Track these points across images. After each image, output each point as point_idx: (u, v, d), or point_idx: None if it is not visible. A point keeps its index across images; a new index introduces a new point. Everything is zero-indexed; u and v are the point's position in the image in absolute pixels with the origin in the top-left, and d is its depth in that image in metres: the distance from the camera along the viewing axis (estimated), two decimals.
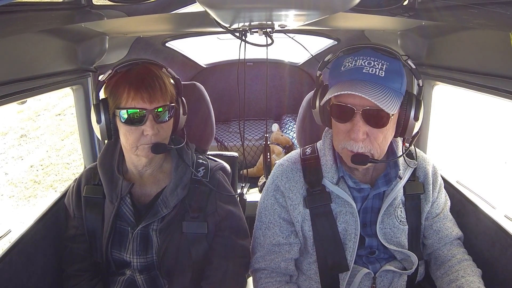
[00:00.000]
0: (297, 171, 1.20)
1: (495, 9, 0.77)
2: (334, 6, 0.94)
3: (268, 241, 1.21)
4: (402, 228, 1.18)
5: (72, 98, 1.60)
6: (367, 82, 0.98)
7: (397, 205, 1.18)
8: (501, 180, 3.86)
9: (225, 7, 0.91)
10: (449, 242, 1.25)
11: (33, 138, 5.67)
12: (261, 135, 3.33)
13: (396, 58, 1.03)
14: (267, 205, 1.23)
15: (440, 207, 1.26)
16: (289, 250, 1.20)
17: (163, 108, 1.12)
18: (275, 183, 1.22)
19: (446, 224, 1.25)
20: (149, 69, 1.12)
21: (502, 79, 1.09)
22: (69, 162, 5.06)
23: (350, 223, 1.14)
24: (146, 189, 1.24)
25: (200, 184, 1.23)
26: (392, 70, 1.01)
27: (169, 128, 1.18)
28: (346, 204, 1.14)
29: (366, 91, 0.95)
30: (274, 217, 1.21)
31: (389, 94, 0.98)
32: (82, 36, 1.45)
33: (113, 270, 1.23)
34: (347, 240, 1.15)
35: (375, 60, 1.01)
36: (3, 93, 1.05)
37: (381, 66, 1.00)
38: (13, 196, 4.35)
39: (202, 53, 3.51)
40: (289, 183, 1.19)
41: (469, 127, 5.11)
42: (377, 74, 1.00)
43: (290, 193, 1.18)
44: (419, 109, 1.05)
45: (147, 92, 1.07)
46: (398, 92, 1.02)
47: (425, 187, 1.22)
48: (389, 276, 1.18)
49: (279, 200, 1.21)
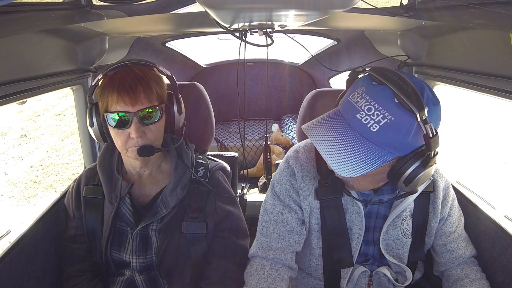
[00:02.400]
0: (311, 161, 1.16)
1: (495, 9, 0.77)
2: (334, 6, 0.94)
3: (281, 226, 1.15)
4: (405, 241, 1.16)
5: (72, 98, 1.60)
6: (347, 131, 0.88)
7: (405, 218, 1.15)
8: (501, 181, 3.86)
9: (225, 7, 0.91)
10: (463, 261, 1.21)
11: (33, 138, 5.66)
12: (261, 135, 3.33)
13: (413, 115, 0.83)
14: (281, 189, 1.17)
15: (454, 224, 1.20)
16: (297, 241, 1.16)
17: (148, 110, 1.10)
18: (291, 169, 1.16)
19: (460, 244, 1.21)
20: (133, 72, 1.09)
21: (502, 79, 1.09)
22: (69, 162, 5.06)
23: (356, 222, 1.13)
24: (145, 190, 1.24)
25: (199, 184, 1.23)
26: (392, 127, 0.85)
27: (158, 130, 1.15)
28: (354, 203, 1.13)
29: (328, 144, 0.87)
30: (290, 202, 1.16)
31: (361, 155, 0.86)
32: (82, 36, 1.45)
33: (113, 270, 1.23)
34: (351, 239, 1.14)
35: (378, 109, 0.85)
36: (3, 93, 1.05)
37: (380, 119, 0.85)
38: (13, 196, 4.35)
39: (202, 53, 3.51)
40: (302, 172, 1.15)
41: (469, 128, 5.11)
42: (367, 126, 0.86)
43: (302, 183, 1.14)
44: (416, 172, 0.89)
45: (128, 96, 1.06)
46: (385, 151, 0.87)
47: (433, 200, 1.17)
48: (386, 279, 1.18)
49: (294, 185, 1.16)
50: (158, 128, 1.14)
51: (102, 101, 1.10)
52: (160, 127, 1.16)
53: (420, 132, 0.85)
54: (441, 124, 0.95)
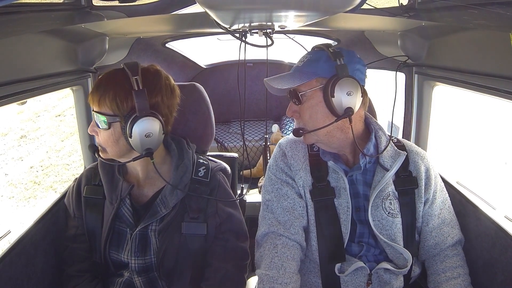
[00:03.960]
0: (300, 142, 1.28)
1: (495, 10, 0.77)
2: (334, 7, 0.94)
3: (283, 200, 1.21)
4: (392, 220, 1.17)
5: (72, 99, 1.60)
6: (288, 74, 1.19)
7: (385, 197, 1.18)
8: (501, 181, 3.87)
9: (225, 8, 0.91)
10: (445, 249, 1.24)
11: (33, 139, 5.67)
12: (261, 136, 3.33)
13: (322, 48, 1.17)
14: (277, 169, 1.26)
15: (437, 208, 1.24)
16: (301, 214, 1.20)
17: (98, 114, 1.10)
18: (282, 150, 1.28)
19: (443, 229, 1.23)
20: (108, 76, 1.13)
21: (502, 79, 1.09)
22: (69, 163, 5.06)
23: (343, 197, 1.18)
24: (144, 190, 1.24)
25: (200, 184, 1.23)
26: (311, 60, 1.17)
27: (106, 137, 1.12)
28: (340, 179, 1.19)
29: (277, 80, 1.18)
30: (287, 178, 1.24)
31: (295, 77, 1.16)
32: (82, 36, 1.45)
33: (112, 271, 1.23)
34: (341, 214, 1.17)
35: (306, 55, 1.20)
36: (3, 93, 1.05)
37: (304, 58, 1.19)
38: (13, 197, 4.35)
39: (202, 53, 3.51)
40: (292, 151, 1.26)
41: (469, 128, 5.11)
42: (297, 65, 1.20)
43: (292, 160, 1.24)
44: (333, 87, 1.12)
45: (92, 94, 1.12)
46: (307, 73, 1.15)
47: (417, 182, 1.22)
48: (386, 276, 1.18)
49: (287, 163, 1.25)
50: (105, 135, 1.12)
51: None
52: (108, 137, 1.12)
53: (331, 62, 1.11)
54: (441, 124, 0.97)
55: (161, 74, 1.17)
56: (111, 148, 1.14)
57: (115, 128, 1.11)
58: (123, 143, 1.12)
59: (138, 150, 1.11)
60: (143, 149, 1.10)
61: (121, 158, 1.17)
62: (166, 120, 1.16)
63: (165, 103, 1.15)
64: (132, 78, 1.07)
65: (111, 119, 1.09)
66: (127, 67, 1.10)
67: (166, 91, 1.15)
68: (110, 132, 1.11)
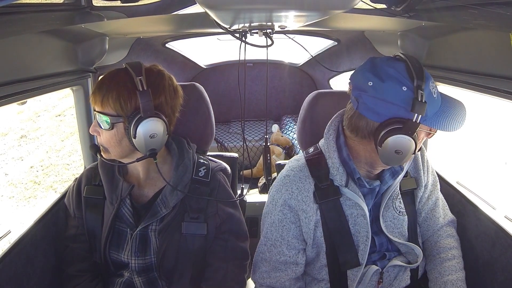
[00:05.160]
0: (306, 178, 1.15)
1: (495, 10, 0.77)
2: (334, 7, 0.94)
3: (274, 258, 1.16)
4: (402, 219, 1.19)
5: (72, 99, 1.60)
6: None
7: (395, 198, 1.19)
8: (501, 181, 3.86)
9: (225, 8, 0.91)
10: (437, 229, 1.27)
11: (33, 139, 5.66)
12: (261, 136, 3.33)
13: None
14: (273, 221, 1.16)
15: (428, 190, 1.27)
16: (295, 270, 1.16)
17: (101, 114, 1.09)
18: (283, 198, 1.14)
19: (435, 211, 1.27)
20: (110, 76, 1.11)
21: (502, 79, 1.09)
22: (69, 163, 5.06)
23: (362, 225, 1.13)
24: (144, 190, 1.24)
25: (200, 184, 1.23)
26: None
27: (108, 138, 1.11)
28: (357, 206, 1.13)
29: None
30: (282, 234, 1.14)
31: None
32: (82, 37, 1.45)
33: (112, 271, 1.23)
34: (359, 242, 1.13)
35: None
36: (3, 93, 1.05)
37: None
38: (13, 196, 4.35)
39: (202, 54, 3.51)
40: (301, 194, 1.13)
41: (469, 128, 5.10)
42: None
43: (304, 205, 1.13)
44: None
45: (94, 94, 1.10)
46: None
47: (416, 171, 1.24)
48: (395, 271, 1.19)
49: (287, 215, 1.14)
50: (108, 136, 1.11)
51: None
52: (111, 137, 1.10)
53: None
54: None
55: (164, 74, 1.16)
56: (114, 148, 1.13)
57: (118, 129, 1.10)
58: (126, 144, 1.12)
59: (142, 151, 1.10)
60: (147, 149, 1.09)
61: (124, 158, 1.16)
62: (169, 121, 1.15)
63: (168, 104, 1.14)
64: (136, 78, 1.06)
65: (114, 119, 1.08)
66: (130, 67, 1.09)
67: (170, 91, 1.15)
68: (113, 133, 1.10)
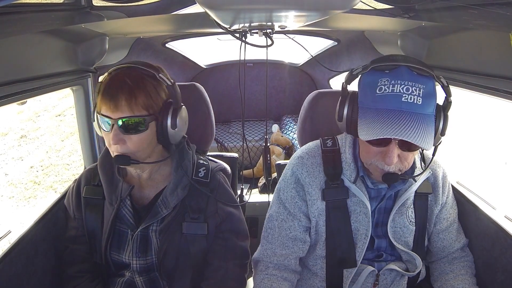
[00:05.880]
0: (317, 166, 1.18)
1: (495, 10, 0.77)
2: (334, 7, 0.94)
3: (284, 234, 1.19)
4: (411, 229, 1.19)
5: (72, 99, 1.60)
6: (406, 115, 0.94)
7: (409, 206, 1.19)
8: (501, 181, 3.86)
9: (225, 8, 0.91)
10: (452, 252, 1.26)
11: (33, 139, 5.66)
12: (261, 136, 3.33)
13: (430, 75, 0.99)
14: (287, 197, 1.19)
15: (448, 212, 1.25)
16: (301, 248, 1.19)
17: (128, 119, 1.04)
18: (295, 176, 1.18)
19: (451, 233, 1.26)
20: (127, 76, 1.06)
21: (502, 79, 1.09)
22: (69, 163, 5.06)
23: (362, 223, 1.14)
24: (145, 192, 1.23)
25: (200, 185, 1.23)
26: (427, 94, 0.97)
27: (140, 141, 1.08)
28: (361, 204, 1.14)
29: (407, 131, 0.92)
30: (295, 210, 1.18)
31: (427, 127, 0.95)
32: (82, 36, 1.45)
33: (113, 271, 1.23)
34: (357, 240, 1.15)
35: (413, 86, 0.96)
36: (3, 93, 1.05)
37: (419, 91, 0.95)
38: (13, 197, 4.35)
39: (202, 54, 3.51)
40: (309, 177, 1.17)
41: (469, 128, 5.10)
42: (415, 103, 0.95)
43: (310, 187, 1.16)
44: (446, 123, 1.03)
45: (110, 101, 1.04)
46: (432, 116, 0.99)
47: (434, 188, 1.22)
48: (392, 275, 1.19)
49: (300, 193, 1.18)
50: (140, 139, 1.08)
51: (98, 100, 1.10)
52: (144, 138, 1.09)
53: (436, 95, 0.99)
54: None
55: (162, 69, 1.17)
56: (144, 150, 1.10)
57: (151, 128, 1.09)
58: (154, 142, 1.12)
59: (177, 140, 1.15)
60: (181, 137, 1.16)
61: (148, 159, 1.14)
62: None
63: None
64: (158, 75, 1.08)
65: (149, 119, 1.07)
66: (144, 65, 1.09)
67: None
68: (147, 134, 1.08)
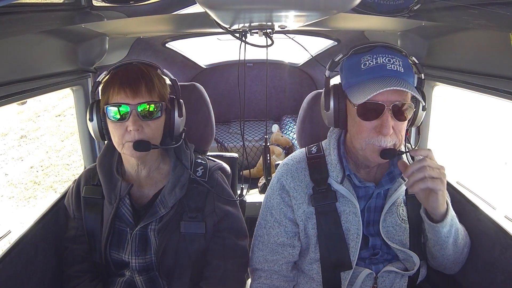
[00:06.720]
0: (302, 170, 1.21)
1: (495, 10, 0.77)
2: (334, 7, 0.94)
3: (272, 240, 1.21)
4: (404, 227, 1.19)
5: (72, 99, 1.60)
6: (393, 78, 1.01)
7: (399, 204, 1.19)
8: (501, 181, 3.87)
9: (225, 8, 0.91)
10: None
11: (33, 139, 5.67)
12: (261, 136, 3.33)
13: (404, 55, 1.08)
14: (273, 204, 1.23)
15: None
16: (291, 253, 1.21)
17: (147, 104, 1.10)
18: (280, 182, 1.22)
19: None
20: (138, 68, 1.12)
21: (502, 79, 1.09)
22: (69, 163, 5.06)
23: (353, 223, 1.15)
24: (144, 191, 1.24)
25: (198, 184, 1.23)
26: (406, 66, 1.05)
27: (157, 127, 1.14)
28: (350, 203, 1.15)
29: (396, 85, 0.99)
30: (280, 217, 1.21)
31: (412, 88, 1.02)
32: (82, 36, 1.45)
33: (113, 271, 1.23)
34: (349, 240, 1.15)
35: (394, 57, 1.05)
36: (3, 93, 1.05)
37: (399, 62, 1.04)
38: (13, 197, 4.35)
39: (202, 54, 3.51)
40: (294, 182, 1.20)
41: (469, 128, 5.11)
42: (398, 70, 1.04)
43: (295, 192, 1.19)
44: (424, 100, 1.08)
45: (130, 87, 1.08)
46: (414, 86, 1.06)
47: None
48: (390, 277, 1.18)
49: (285, 199, 1.21)
50: (157, 125, 1.14)
51: (104, 96, 1.12)
52: (159, 125, 1.16)
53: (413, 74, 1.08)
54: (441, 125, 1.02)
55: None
56: (158, 137, 1.18)
57: (165, 115, 1.18)
58: (162, 131, 1.18)
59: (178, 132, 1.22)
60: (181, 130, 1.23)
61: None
62: None
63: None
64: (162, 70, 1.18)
65: (163, 105, 1.15)
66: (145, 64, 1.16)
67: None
68: (162, 119, 1.16)
